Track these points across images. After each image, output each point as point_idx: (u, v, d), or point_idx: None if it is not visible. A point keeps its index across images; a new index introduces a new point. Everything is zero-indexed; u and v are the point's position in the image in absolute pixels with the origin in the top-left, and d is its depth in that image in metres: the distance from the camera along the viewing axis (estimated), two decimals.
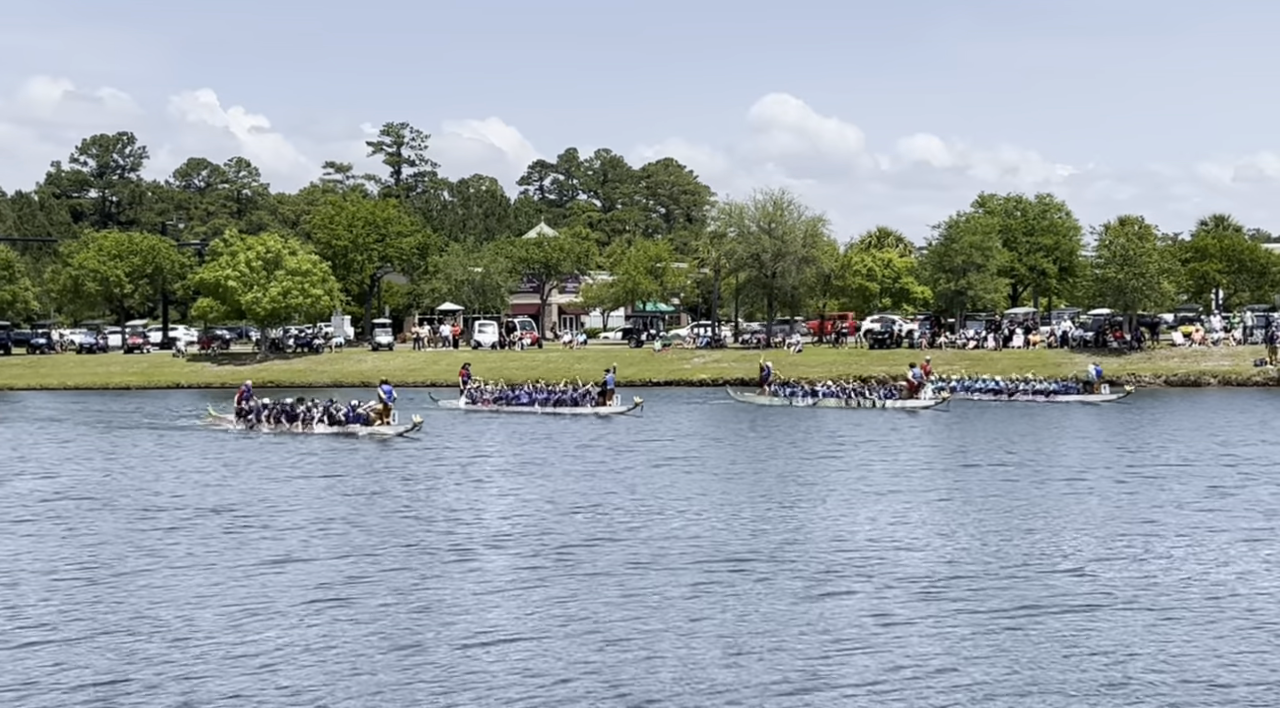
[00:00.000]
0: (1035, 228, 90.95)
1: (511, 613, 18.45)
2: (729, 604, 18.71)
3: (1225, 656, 16.03)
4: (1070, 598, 18.79)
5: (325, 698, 14.75)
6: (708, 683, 15.11)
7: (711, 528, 25.02)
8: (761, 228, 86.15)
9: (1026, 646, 16.46)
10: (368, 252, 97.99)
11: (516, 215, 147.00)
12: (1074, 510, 26.59)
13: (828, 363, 74.78)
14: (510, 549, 23.11)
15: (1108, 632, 17.07)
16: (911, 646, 16.57)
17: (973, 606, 18.44)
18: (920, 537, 23.78)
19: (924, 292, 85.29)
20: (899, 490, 29.78)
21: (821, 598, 19.09)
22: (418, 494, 30.24)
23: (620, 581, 20.33)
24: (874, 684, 15.00)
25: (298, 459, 38.13)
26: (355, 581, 20.58)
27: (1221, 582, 19.83)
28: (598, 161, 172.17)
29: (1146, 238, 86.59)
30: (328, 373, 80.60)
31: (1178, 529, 24.08)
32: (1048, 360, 71.67)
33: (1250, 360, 67.11)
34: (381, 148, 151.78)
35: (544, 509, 27.59)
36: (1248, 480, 30.66)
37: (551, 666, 15.80)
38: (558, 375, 75.15)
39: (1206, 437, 41.10)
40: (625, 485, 31.19)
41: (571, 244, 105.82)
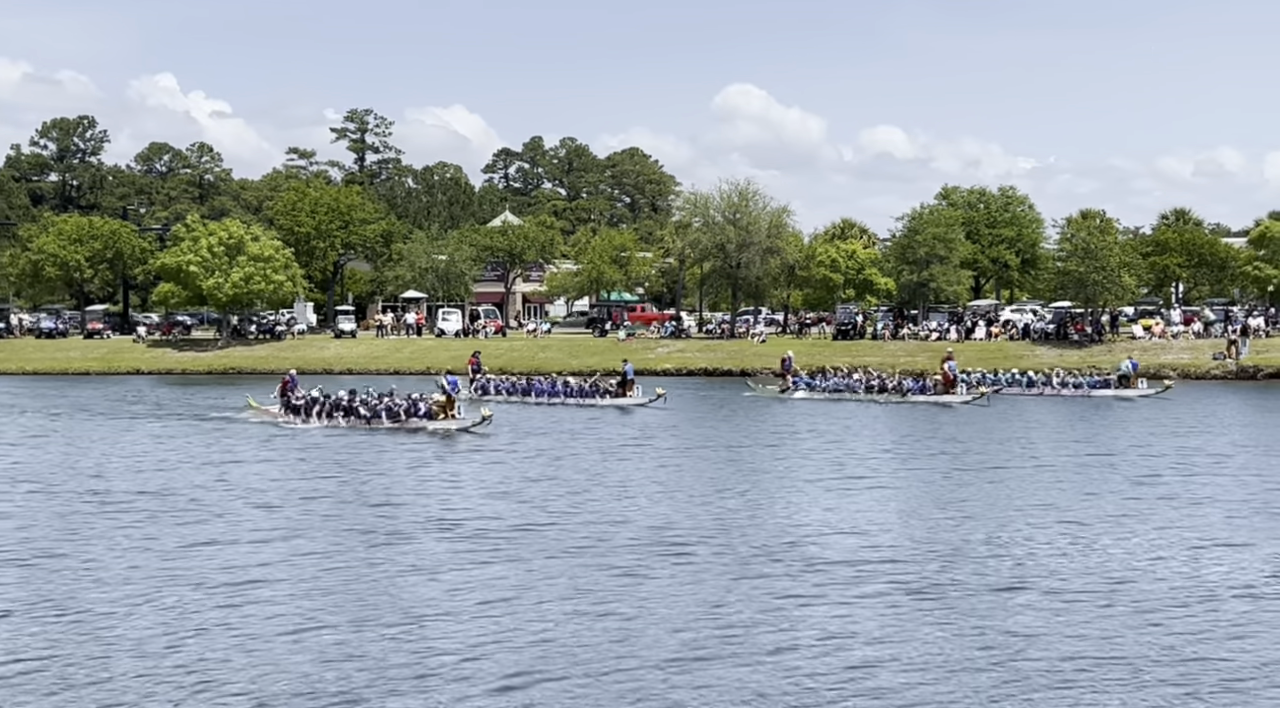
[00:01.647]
0: (998, 220, 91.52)
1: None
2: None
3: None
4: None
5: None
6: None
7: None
8: (726, 218, 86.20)
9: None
10: (331, 238, 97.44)
11: (481, 203, 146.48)
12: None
13: (793, 353, 74.88)
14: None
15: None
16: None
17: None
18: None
19: (887, 283, 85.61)
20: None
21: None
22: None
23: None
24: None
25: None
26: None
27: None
28: (563, 150, 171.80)
29: (1108, 231, 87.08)
30: (290, 360, 79.94)
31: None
32: (1009, 353, 72.11)
33: (1209, 354, 67.70)
34: (345, 134, 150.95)
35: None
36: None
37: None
38: (521, 364, 75.22)
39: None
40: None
41: (536, 233, 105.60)
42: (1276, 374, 63.45)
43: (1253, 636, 16.73)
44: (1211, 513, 25.59)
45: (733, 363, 72.84)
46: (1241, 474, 30.99)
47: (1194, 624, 17.25)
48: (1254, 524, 24.27)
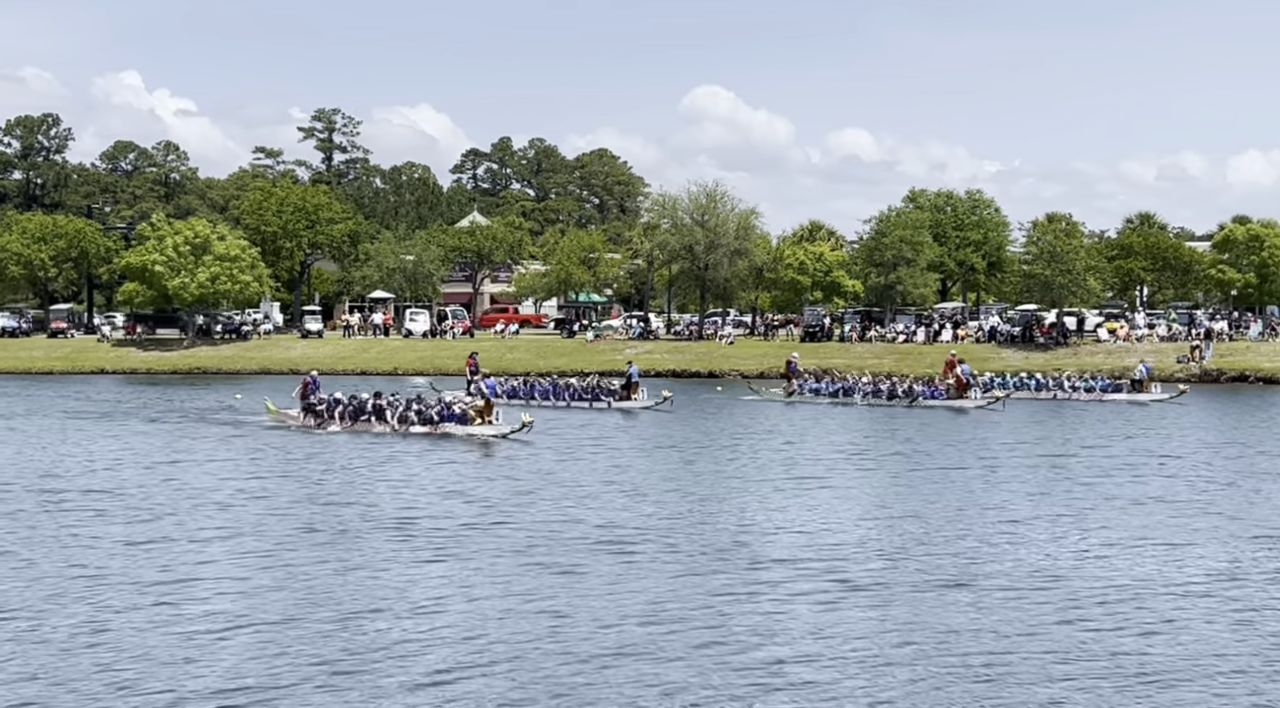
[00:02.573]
0: (965, 223, 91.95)
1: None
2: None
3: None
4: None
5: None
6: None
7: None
8: (694, 220, 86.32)
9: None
10: (298, 238, 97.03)
11: (449, 204, 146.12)
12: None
13: (760, 355, 75.20)
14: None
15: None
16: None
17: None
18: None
19: (855, 286, 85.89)
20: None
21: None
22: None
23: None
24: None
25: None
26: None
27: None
28: (531, 151, 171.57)
29: (1073, 235, 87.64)
30: (256, 360, 79.84)
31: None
32: (975, 355, 72.41)
33: (1173, 357, 68.20)
34: (313, 133, 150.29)
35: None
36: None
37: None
38: (488, 364, 75.04)
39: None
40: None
41: (504, 233, 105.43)
42: (1239, 378, 63.98)
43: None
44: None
45: (700, 365, 72.94)
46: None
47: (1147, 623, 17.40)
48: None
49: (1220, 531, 23.94)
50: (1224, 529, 24.10)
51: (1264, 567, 20.81)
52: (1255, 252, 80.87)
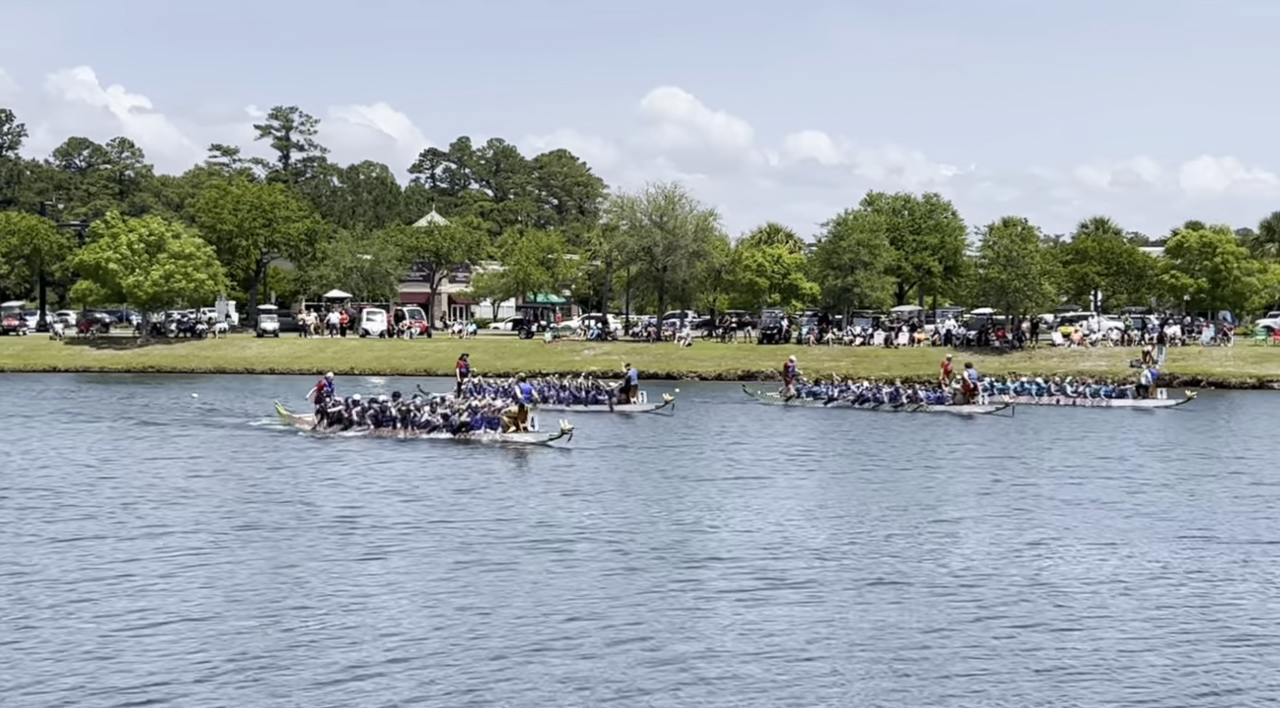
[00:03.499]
0: (922, 227, 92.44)
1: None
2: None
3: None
4: None
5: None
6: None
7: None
8: (653, 221, 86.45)
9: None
10: (254, 236, 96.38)
11: (407, 203, 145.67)
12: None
13: (717, 357, 75.36)
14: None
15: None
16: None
17: None
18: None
19: (813, 288, 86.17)
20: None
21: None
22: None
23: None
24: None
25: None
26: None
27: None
28: (490, 151, 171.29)
29: (1029, 239, 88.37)
30: (211, 359, 79.29)
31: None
32: (932, 358, 72.80)
33: (1127, 361, 68.75)
34: (269, 132, 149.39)
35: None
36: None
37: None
38: (446, 365, 74.78)
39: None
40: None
41: (463, 233, 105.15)
42: (1191, 382, 64.54)
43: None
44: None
45: (659, 366, 72.94)
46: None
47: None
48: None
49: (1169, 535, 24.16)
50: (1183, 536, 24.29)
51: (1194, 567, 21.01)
52: (1208, 258, 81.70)
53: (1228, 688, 14.80)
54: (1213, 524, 25.05)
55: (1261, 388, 60.21)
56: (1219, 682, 15.00)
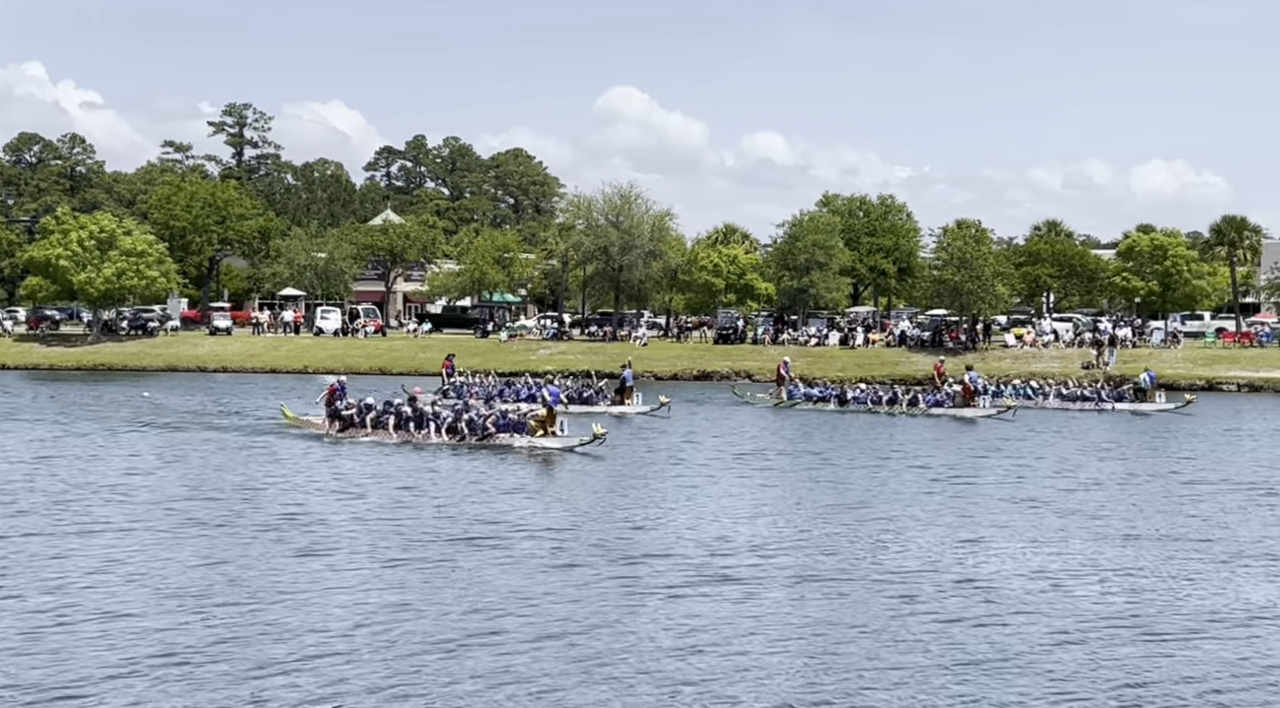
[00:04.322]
0: (877, 229, 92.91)
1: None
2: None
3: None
4: None
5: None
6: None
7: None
8: (609, 221, 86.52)
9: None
10: (207, 234, 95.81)
11: (362, 201, 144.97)
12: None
13: (673, 357, 75.44)
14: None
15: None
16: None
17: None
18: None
19: (768, 289, 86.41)
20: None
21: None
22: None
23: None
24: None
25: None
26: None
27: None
28: (446, 149, 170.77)
29: (983, 241, 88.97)
30: (163, 357, 78.61)
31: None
32: (886, 359, 73.25)
33: (1079, 363, 69.37)
34: (223, 128, 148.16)
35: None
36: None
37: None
38: (401, 364, 74.50)
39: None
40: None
41: (418, 232, 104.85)
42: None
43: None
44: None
45: (614, 366, 72.80)
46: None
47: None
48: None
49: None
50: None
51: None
52: (1158, 261, 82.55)
53: (1141, 681, 15.04)
54: (1172, 526, 25.28)
55: (1211, 390, 60.78)
56: (1132, 676, 15.22)
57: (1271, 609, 18.40)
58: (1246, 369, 66.69)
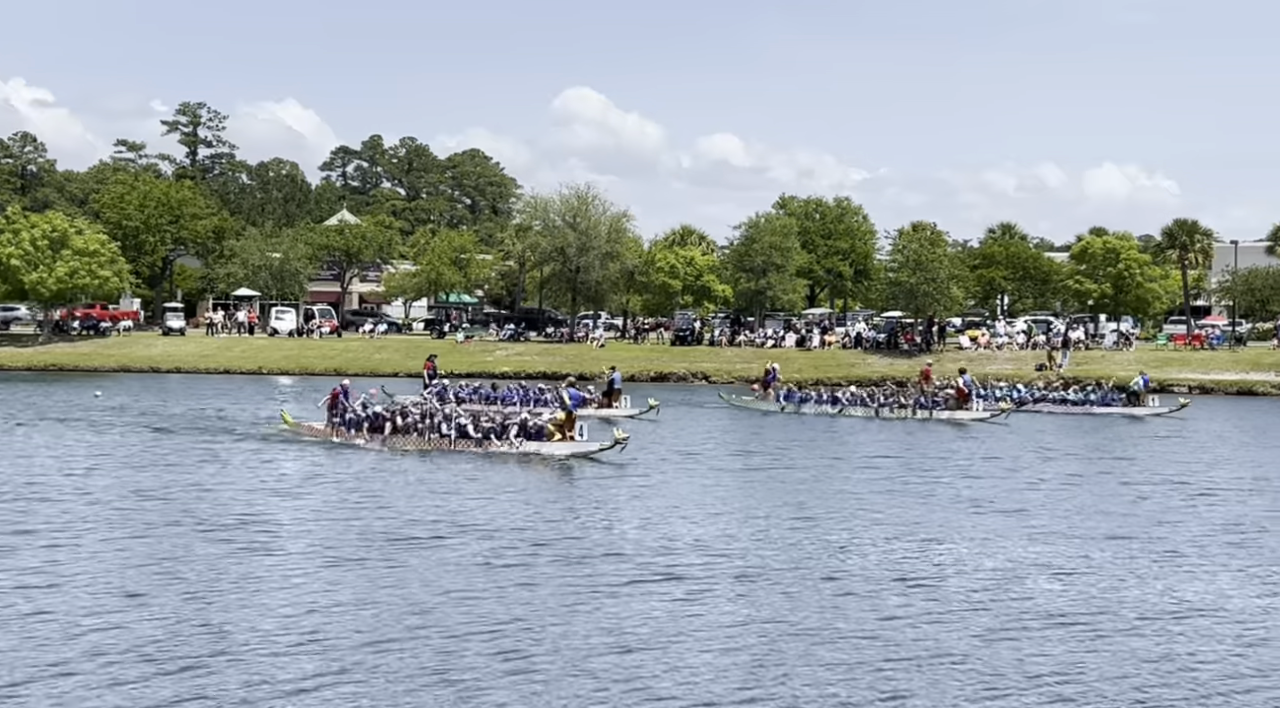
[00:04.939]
0: (833, 231, 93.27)
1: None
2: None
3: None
4: None
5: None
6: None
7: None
8: (566, 222, 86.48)
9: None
10: (160, 233, 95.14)
11: (318, 201, 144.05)
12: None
13: (631, 358, 75.39)
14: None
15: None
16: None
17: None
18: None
19: (725, 290, 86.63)
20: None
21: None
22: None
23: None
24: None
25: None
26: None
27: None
28: (402, 150, 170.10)
29: (938, 244, 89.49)
30: (115, 357, 77.91)
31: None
32: (842, 361, 73.57)
33: (1033, 365, 69.90)
34: (177, 127, 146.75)
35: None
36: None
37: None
38: (357, 365, 74.13)
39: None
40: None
41: (374, 232, 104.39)
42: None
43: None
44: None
45: (572, 367, 72.80)
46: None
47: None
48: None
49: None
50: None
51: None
52: (1111, 264, 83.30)
53: (1068, 676, 15.25)
54: (1126, 527, 25.54)
55: (1162, 392, 61.32)
56: (1062, 671, 15.45)
57: (1201, 606, 18.64)
58: (1197, 371, 67.42)
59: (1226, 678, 15.29)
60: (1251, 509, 27.85)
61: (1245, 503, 28.83)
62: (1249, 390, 64.64)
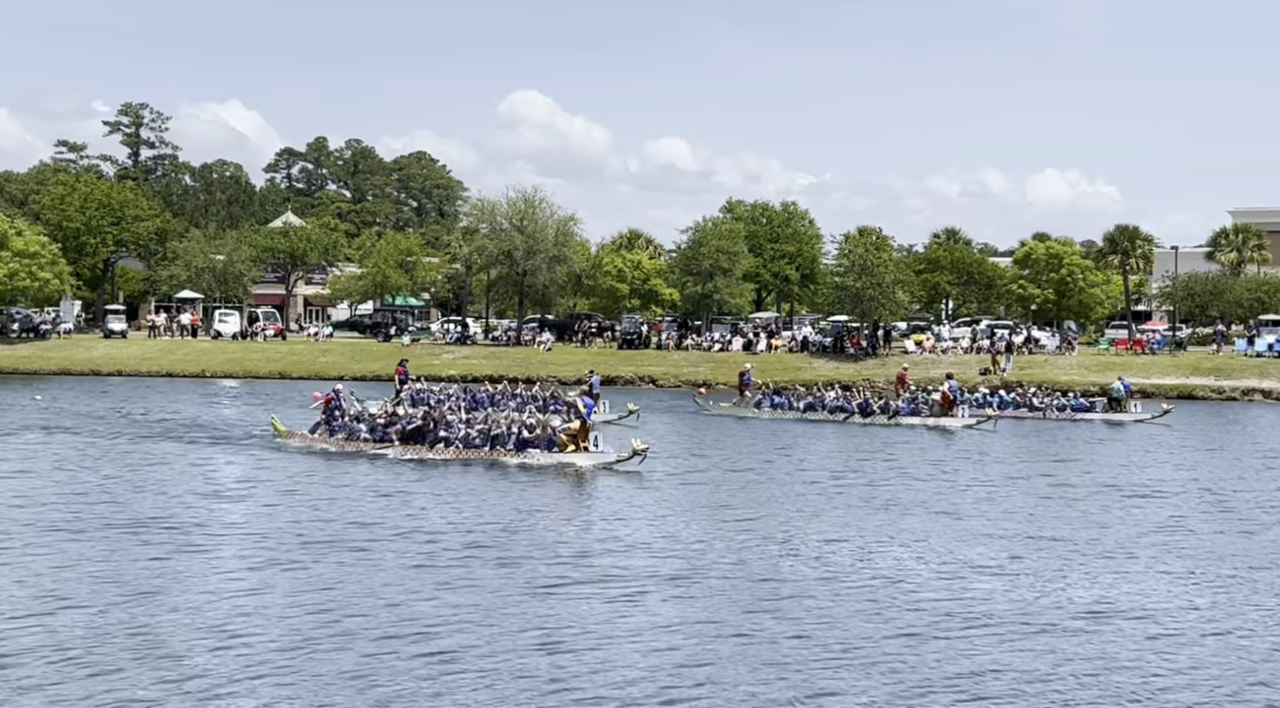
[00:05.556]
0: (780, 235, 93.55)
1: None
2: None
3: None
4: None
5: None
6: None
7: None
8: (513, 225, 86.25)
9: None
10: (102, 235, 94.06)
11: (262, 203, 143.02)
12: None
13: (577, 361, 75.29)
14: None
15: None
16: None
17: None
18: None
19: (672, 294, 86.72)
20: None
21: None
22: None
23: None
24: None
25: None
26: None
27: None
28: (348, 151, 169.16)
29: (883, 248, 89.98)
30: (55, 360, 76.92)
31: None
32: (789, 364, 73.82)
33: (976, 368, 70.43)
34: (119, 128, 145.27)
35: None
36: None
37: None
38: (302, 368, 73.64)
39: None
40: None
41: (319, 235, 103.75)
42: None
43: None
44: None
45: (519, 370, 72.66)
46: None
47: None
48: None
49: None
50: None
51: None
52: (1054, 269, 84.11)
53: (981, 673, 15.47)
54: (1070, 531, 25.79)
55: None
56: (975, 669, 15.63)
57: (1126, 607, 18.85)
58: (1138, 375, 68.09)
59: (1144, 677, 15.48)
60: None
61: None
62: (1189, 394, 65.40)
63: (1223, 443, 44.93)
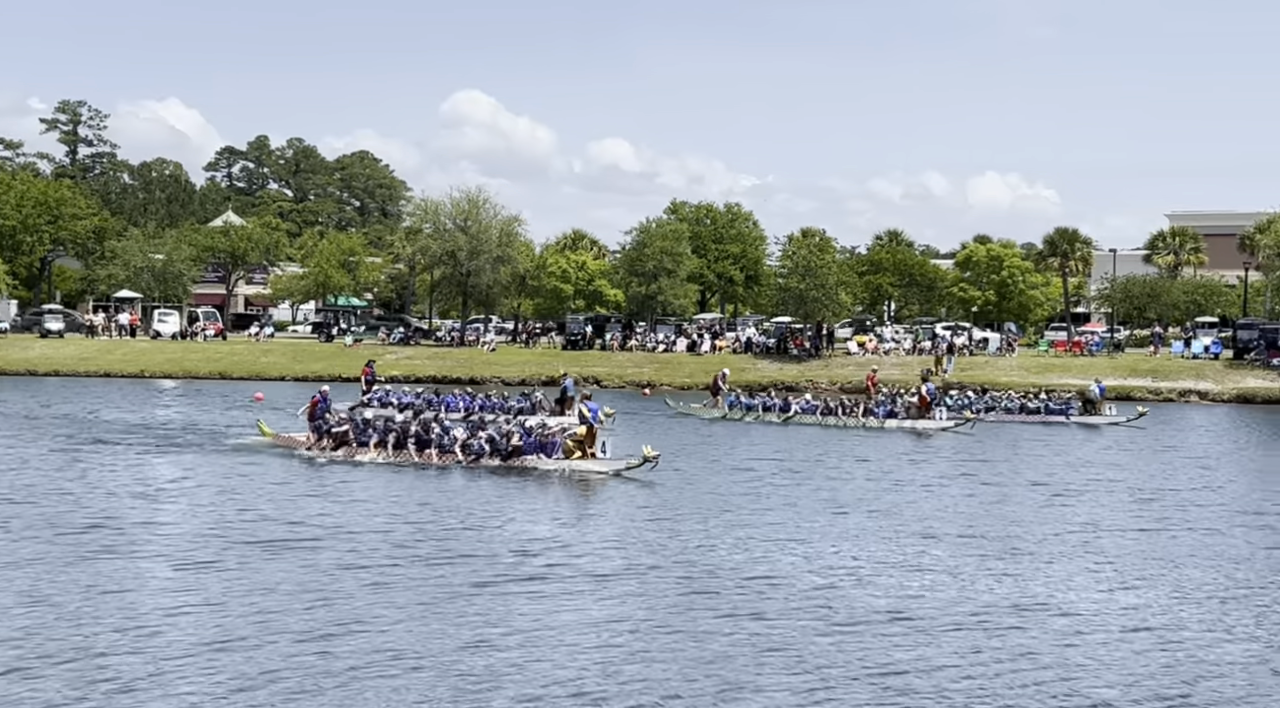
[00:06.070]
0: (724, 236, 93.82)
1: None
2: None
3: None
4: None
5: None
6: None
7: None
8: (457, 225, 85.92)
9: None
10: (38, 233, 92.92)
11: (202, 202, 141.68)
12: None
13: (521, 362, 75.14)
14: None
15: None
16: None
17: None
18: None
19: (617, 295, 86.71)
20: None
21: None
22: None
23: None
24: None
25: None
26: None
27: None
28: (290, 151, 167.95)
29: (826, 250, 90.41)
30: None
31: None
32: (732, 365, 73.87)
33: (919, 370, 70.84)
34: (56, 126, 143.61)
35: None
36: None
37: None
38: (242, 368, 72.97)
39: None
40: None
41: (260, 234, 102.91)
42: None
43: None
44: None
45: (462, 371, 72.42)
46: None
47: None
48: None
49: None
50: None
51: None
52: (995, 271, 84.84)
53: (899, 669, 15.56)
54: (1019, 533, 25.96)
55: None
56: (892, 665, 15.73)
57: (1046, 602, 19.00)
58: (1078, 377, 68.75)
59: (1062, 671, 15.62)
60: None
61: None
62: (1127, 396, 66.06)
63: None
